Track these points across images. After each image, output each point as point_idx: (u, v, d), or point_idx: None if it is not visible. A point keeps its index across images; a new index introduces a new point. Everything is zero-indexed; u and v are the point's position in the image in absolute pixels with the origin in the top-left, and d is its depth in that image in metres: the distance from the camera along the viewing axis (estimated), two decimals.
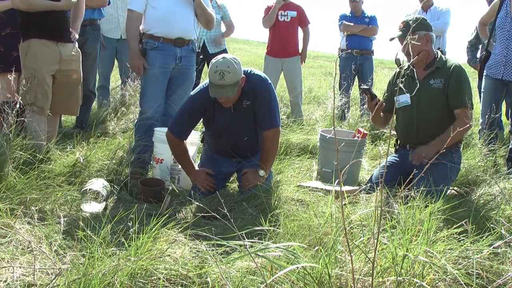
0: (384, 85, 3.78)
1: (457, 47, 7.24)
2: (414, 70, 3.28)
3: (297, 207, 2.81)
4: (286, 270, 1.61)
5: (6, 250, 2.05)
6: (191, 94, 3.31)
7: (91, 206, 2.85)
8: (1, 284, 1.78)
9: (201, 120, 3.36)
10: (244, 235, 1.81)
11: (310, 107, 7.03)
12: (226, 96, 2.96)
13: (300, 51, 5.98)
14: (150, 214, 2.54)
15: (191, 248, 2.19)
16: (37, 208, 2.51)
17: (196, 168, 3.31)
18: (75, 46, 3.59)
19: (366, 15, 6.13)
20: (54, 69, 3.43)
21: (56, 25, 3.42)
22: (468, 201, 2.96)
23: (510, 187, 3.14)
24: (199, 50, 3.98)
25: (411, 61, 3.08)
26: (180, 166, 3.35)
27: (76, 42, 3.64)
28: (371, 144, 4.89)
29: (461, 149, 3.46)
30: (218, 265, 1.87)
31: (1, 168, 2.71)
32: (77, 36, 3.62)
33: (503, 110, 5.17)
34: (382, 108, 3.36)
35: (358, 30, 6.02)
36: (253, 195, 2.95)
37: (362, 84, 5.77)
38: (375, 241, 1.64)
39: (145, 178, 3.45)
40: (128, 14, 3.67)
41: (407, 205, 2.37)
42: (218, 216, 2.06)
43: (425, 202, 2.47)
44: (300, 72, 5.99)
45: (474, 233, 2.15)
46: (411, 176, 3.09)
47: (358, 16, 6.11)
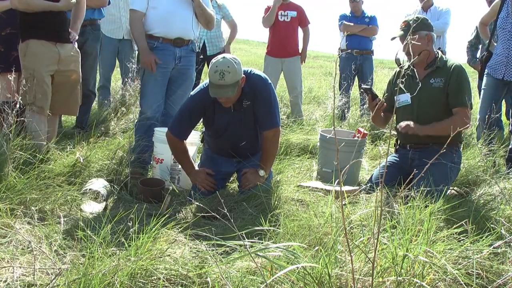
0: (384, 85, 3.78)
1: (457, 47, 7.24)
2: (415, 69, 3.27)
3: (297, 207, 2.81)
4: (286, 270, 1.61)
5: (6, 250, 2.05)
6: (191, 94, 3.31)
7: (91, 206, 2.84)
8: (1, 284, 1.78)
9: (201, 120, 3.36)
10: (244, 235, 1.81)
11: (310, 107, 7.02)
12: (226, 96, 2.96)
13: (300, 51, 5.97)
14: (150, 214, 2.54)
15: (191, 248, 2.19)
16: (37, 208, 2.50)
17: (196, 168, 3.31)
18: (74, 46, 3.60)
19: (366, 15, 6.13)
20: (53, 69, 3.43)
21: (55, 26, 3.42)
22: (468, 201, 2.95)
23: (510, 187, 3.14)
24: (199, 50, 3.98)
25: (411, 61, 3.09)
26: (180, 166, 3.35)
27: (76, 42, 3.64)
28: (371, 144, 4.89)
29: (461, 149, 3.46)
30: (218, 265, 1.87)
31: (1, 168, 2.71)
32: (76, 36, 3.62)
33: (503, 110, 5.18)
34: (383, 108, 3.36)
35: (358, 30, 6.02)
36: (253, 195, 2.95)
37: (363, 84, 5.76)
38: (375, 241, 1.64)
39: (145, 178, 3.45)
40: (130, 15, 3.67)
41: (407, 205, 2.37)
42: (218, 216, 2.06)
43: (425, 202, 2.47)
44: (300, 72, 5.98)
45: (474, 233, 2.14)
46: (411, 176, 3.11)
47: (358, 16, 6.11)
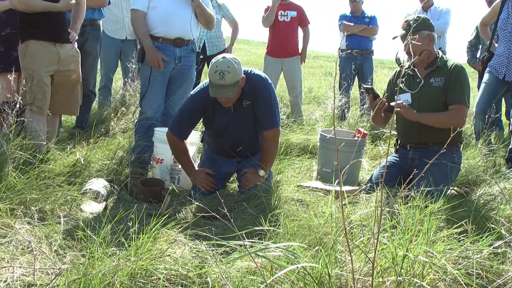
0: (384, 85, 3.78)
1: (457, 47, 7.25)
2: (416, 69, 3.27)
3: (297, 207, 2.81)
4: (286, 270, 1.61)
5: (6, 250, 2.05)
6: (191, 93, 3.31)
7: (91, 206, 2.84)
8: (1, 284, 1.78)
9: (201, 120, 3.36)
10: (244, 235, 1.81)
11: (310, 107, 7.02)
12: (226, 96, 2.96)
13: (300, 51, 5.97)
14: (150, 214, 2.54)
15: (191, 248, 2.19)
16: (37, 208, 2.50)
17: (196, 168, 3.31)
18: (74, 46, 3.60)
19: (366, 15, 6.13)
20: (53, 69, 3.43)
21: (54, 26, 3.42)
22: (468, 201, 2.95)
23: (510, 187, 3.14)
24: (199, 50, 3.98)
25: (412, 61, 3.09)
26: (180, 166, 3.35)
27: (76, 42, 3.64)
28: (371, 144, 4.89)
29: (461, 149, 3.46)
30: (218, 265, 1.87)
31: (1, 168, 2.71)
32: (76, 36, 3.62)
33: (503, 110, 5.18)
34: (384, 107, 3.35)
35: (358, 30, 6.02)
36: (253, 195, 2.95)
37: (364, 84, 5.76)
38: (375, 241, 1.64)
39: (145, 178, 3.45)
40: (132, 15, 3.66)
41: (407, 205, 2.37)
42: (218, 216, 2.06)
43: (425, 202, 2.47)
44: (300, 72, 5.98)
45: (474, 233, 2.14)
46: (411, 176, 3.10)
47: (358, 16, 6.11)
